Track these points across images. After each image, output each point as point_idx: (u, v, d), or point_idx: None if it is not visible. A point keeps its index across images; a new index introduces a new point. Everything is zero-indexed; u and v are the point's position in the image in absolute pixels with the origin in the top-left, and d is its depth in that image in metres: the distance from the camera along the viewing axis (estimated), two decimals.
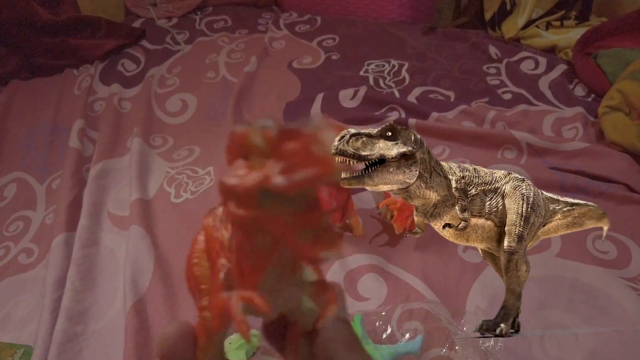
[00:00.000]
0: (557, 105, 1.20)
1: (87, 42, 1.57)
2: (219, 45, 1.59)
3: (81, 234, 1.00)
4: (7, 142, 1.32)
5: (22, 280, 0.98)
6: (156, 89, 1.44)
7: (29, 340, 0.85)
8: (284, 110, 1.31)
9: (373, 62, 1.44)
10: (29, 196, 1.17)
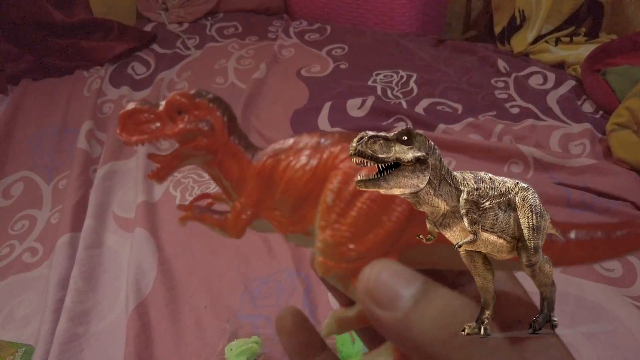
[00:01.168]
0: (565, 120, 1.19)
1: (99, 45, 1.58)
2: (229, 52, 1.60)
3: (86, 234, 1.01)
4: (16, 141, 1.33)
5: (25, 279, 0.98)
6: (165, 92, 1.45)
7: (30, 340, 0.85)
8: (291, 118, 1.31)
9: (381, 73, 1.44)
10: (35, 195, 1.18)
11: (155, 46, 1.65)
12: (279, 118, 1.32)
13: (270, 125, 1.30)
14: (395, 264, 0.21)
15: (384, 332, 0.20)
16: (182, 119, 0.27)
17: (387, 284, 0.19)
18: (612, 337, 0.74)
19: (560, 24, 1.43)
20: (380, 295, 0.19)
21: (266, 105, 1.38)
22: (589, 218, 0.94)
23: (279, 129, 1.28)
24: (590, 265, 0.36)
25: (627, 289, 0.80)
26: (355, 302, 0.25)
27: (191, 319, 0.84)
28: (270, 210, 0.25)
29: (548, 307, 0.35)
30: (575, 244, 0.26)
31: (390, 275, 0.20)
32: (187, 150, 0.27)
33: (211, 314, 0.84)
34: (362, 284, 0.20)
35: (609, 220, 0.93)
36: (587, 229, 0.26)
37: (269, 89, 1.44)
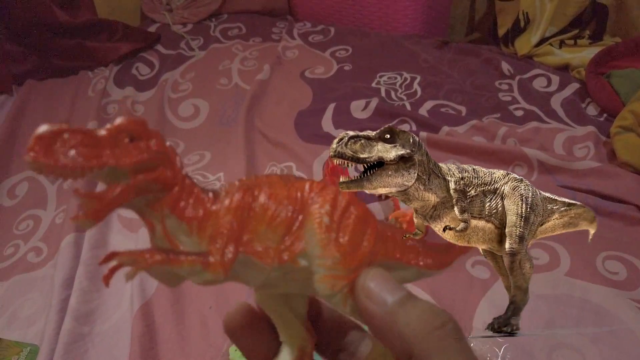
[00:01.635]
0: (569, 123, 1.19)
1: (103, 45, 1.59)
2: (233, 53, 1.61)
3: (91, 234, 1.01)
4: (21, 141, 1.33)
5: (30, 279, 0.98)
6: (169, 93, 1.45)
7: (35, 339, 0.85)
8: (295, 119, 1.31)
9: (385, 74, 1.45)
10: (40, 195, 1.18)
11: (159, 47, 1.65)
12: (282, 119, 1.32)
13: (274, 126, 1.30)
14: (385, 271, 0.24)
15: (372, 324, 0.23)
16: (136, 146, 0.23)
17: (381, 284, 0.23)
18: (617, 339, 0.74)
19: (565, 27, 1.43)
20: (374, 292, 0.23)
21: (270, 106, 1.38)
22: None
23: (282, 130, 1.28)
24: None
25: (632, 292, 0.80)
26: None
27: (196, 320, 0.84)
28: (252, 243, 0.24)
29: (513, 311, 0.35)
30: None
31: (384, 279, 0.23)
32: (144, 184, 0.23)
33: (216, 315, 0.84)
34: (361, 281, 0.23)
35: (612, 223, 0.93)
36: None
37: (272, 90, 1.44)
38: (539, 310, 0.79)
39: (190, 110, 1.39)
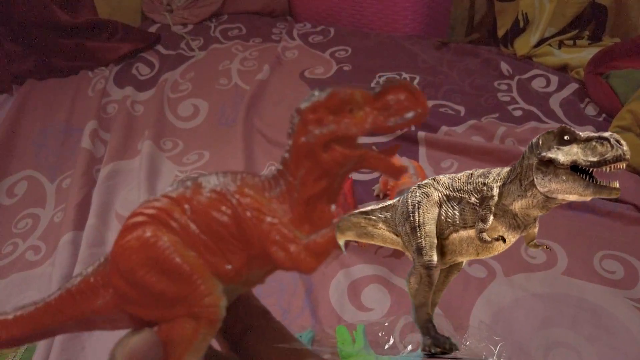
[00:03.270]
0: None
1: (104, 45, 1.59)
2: (233, 53, 1.61)
3: (89, 233, 1.01)
4: (20, 140, 1.34)
5: (28, 277, 0.99)
6: (169, 93, 1.46)
7: None
8: None
9: (384, 75, 1.45)
10: (39, 194, 1.18)
11: (159, 47, 1.66)
12: (282, 119, 1.32)
13: (273, 126, 1.30)
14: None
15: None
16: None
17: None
18: (614, 338, 0.74)
19: (564, 27, 1.43)
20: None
21: (269, 106, 1.39)
22: (591, 220, 0.94)
23: (281, 130, 1.28)
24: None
25: (629, 291, 0.80)
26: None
27: None
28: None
29: (421, 332, 0.29)
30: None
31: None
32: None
33: None
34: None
35: (610, 222, 0.93)
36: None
37: (272, 90, 1.44)
38: (535, 309, 0.79)
39: (190, 110, 1.40)
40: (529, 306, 0.79)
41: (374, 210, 0.30)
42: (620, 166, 0.20)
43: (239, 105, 1.38)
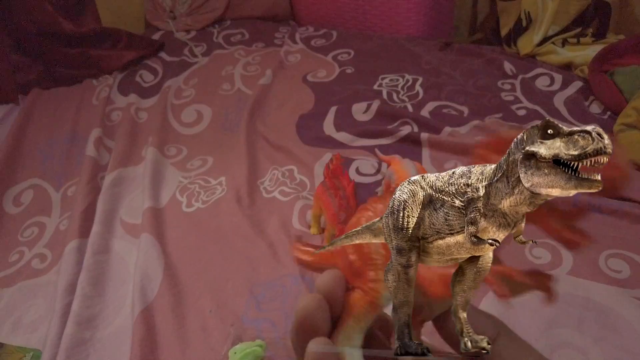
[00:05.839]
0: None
1: (108, 54, 1.60)
2: (235, 58, 1.61)
3: (93, 240, 1.02)
4: (26, 149, 1.35)
5: (34, 285, 0.99)
6: (172, 99, 1.46)
7: (38, 344, 0.86)
8: (297, 123, 1.32)
9: (387, 77, 1.44)
10: (44, 203, 1.19)
11: (162, 54, 1.67)
12: (284, 123, 1.32)
13: (276, 130, 1.30)
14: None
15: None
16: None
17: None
18: (620, 338, 0.73)
19: (567, 25, 1.42)
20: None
21: (272, 110, 1.39)
22: (597, 219, 0.93)
23: (284, 134, 1.28)
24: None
25: (636, 290, 0.79)
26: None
27: (196, 324, 0.84)
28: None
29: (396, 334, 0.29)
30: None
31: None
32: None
33: (216, 319, 0.84)
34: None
35: (616, 221, 0.92)
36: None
37: (275, 94, 1.45)
38: (541, 310, 0.78)
39: (194, 116, 1.40)
40: (534, 307, 0.78)
41: (374, 222, 0.30)
42: (601, 159, 0.20)
43: (242, 110, 1.38)
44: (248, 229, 1.01)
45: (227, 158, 1.23)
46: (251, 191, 1.11)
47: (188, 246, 0.99)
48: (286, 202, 1.07)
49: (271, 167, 1.18)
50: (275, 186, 1.12)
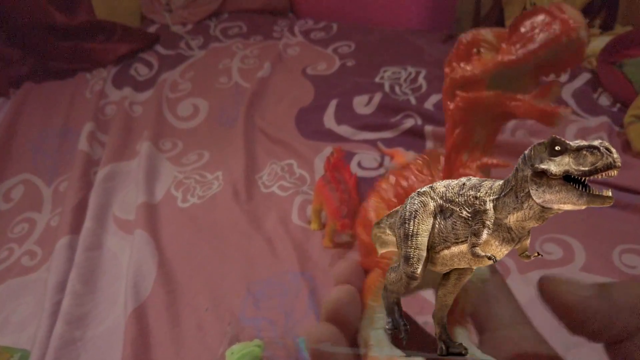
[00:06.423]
0: (581, 114, 1.15)
1: (102, 47, 1.56)
2: (233, 51, 1.58)
3: (85, 236, 0.98)
4: (17, 143, 1.31)
5: (24, 283, 0.96)
6: (168, 93, 1.42)
7: (27, 344, 0.82)
8: (296, 116, 1.28)
9: (389, 69, 1.41)
10: (35, 198, 1.15)
11: (158, 47, 1.63)
12: (283, 117, 1.29)
13: (275, 124, 1.26)
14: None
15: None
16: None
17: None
18: None
19: None
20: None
21: (271, 104, 1.35)
22: (609, 214, 0.89)
23: (283, 128, 1.24)
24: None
25: None
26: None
27: (192, 322, 0.80)
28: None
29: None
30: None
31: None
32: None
33: (212, 317, 0.80)
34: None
35: (629, 215, 0.88)
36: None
37: (273, 87, 1.41)
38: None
39: (190, 110, 1.36)
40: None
41: (383, 219, 0.31)
42: (611, 173, 0.20)
43: (239, 104, 1.34)
44: (245, 225, 0.97)
45: (224, 152, 1.19)
46: (249, 186, 1.08)
47: (183, 242, 0.96)
48: (285, 197, 1.03)
49: (270, 162, 1.15)
50: (274, 181, 1.08)
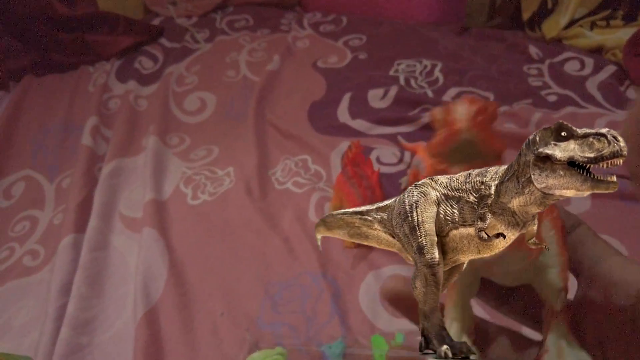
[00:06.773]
0: (608, 107, 1.10)
1: (104, 39, 1.51)
2: (240, 44, 1.53)
3: (90, 235, 0.93)
4: (18, 139, 1.26)
5: (25, 284, 0.91)
6: (174, 87, 1.37)
7: (29, 350, 0.78)
8: (308, 111, 1.23)
9: (403, 62, 1.36)
10: (37, 195, 1.10)
11: (163, 40, 1.58)
12: (295, 111, 1.24)
13: (287, 118, 1.21)
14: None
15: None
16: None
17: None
18: None
19: (595, 8, 1.33)
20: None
21: (281, 98, 1.30)
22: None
23: (295, 122, 1.19)
24: None
25: None
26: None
27: (206, 328, 0.76)
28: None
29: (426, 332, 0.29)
30: None
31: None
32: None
33: (228, 322, 0.75)
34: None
35: None
36: None
37: (283, 81, 1.36)
38: None
39: (197, 104, 1.31)
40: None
41: (369, 211, 0.30)
42: (617, 162, 0.20)
43: (248, 98, 1.29)
44: (260, 223, 0.93)
45: (234, 147, 1.14)
46: (262, 182, 1.03)
47: (195, 241, 0.91)
48: (301, 194, 0.98)
49: (283, 157, 1.10)
50: (289, 177, 1.03)
